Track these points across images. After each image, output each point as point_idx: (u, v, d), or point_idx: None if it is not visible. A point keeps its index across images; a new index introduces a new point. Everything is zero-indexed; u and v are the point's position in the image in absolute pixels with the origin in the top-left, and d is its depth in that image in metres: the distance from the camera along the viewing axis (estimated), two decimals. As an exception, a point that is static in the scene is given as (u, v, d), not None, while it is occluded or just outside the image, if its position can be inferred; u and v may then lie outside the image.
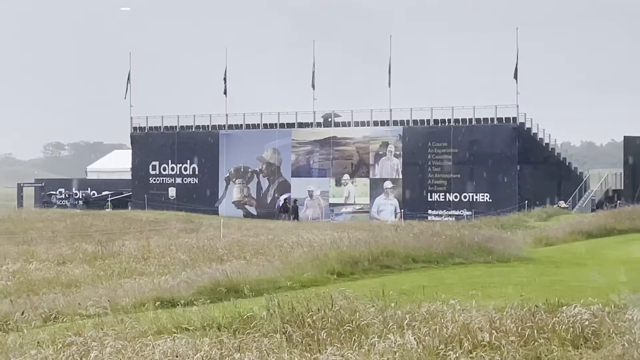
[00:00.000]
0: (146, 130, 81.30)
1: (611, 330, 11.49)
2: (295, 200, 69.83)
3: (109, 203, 79.83)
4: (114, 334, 12.29)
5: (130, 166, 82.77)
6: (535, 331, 11.47)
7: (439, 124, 69.68)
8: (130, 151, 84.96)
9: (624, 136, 71.15)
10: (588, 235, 36.05)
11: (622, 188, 68.87)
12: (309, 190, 73.53)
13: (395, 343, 10.93)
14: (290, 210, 69.28)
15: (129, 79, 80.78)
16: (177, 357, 10.70)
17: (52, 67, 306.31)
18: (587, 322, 11.72)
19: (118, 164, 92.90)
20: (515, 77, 67.50)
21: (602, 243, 32.85)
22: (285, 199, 71.29)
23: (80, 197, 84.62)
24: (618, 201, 62.55)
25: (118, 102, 79.89)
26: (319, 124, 74.62)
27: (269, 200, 75.68)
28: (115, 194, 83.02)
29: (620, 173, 70.70)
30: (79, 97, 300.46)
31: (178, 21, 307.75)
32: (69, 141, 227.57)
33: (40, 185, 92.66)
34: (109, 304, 16.48)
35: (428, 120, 70.37)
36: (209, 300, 16.65)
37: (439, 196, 68.77)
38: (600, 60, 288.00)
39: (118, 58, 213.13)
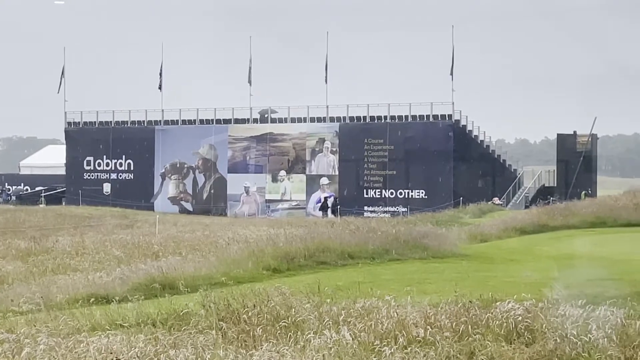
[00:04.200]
0: (81, 125, 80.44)
1: (544, 325, 11.61)
2: (335, 198, 69.32)
3: (43, 198, 78.91)
4: (48, 331, 12.16)
5: (65, 161, 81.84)
6: (470, 326, 11.57)
7: (375, 121, 69.98)
8: (64, 146, 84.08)
9: (557, 134, 72.17)
10: (521, 231, 36.39)
11: (555, 185, 69.83)
12: (245, 187, 73.38)
13: (330, 339, 10.96)
14: (329, 208, 68.60)
15: (63, 73, 79.91)
16: (111, 353, 10.62)
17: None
18: (520, 318, 11.84)
19: (52, 159, 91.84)
20: (451, 74, 68.02)
21: (535, 239, 33.18)
22: (325, 197, 70.67)
23: (13, 192, 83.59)
24: (551, 198, 63.29)
25: (52, 97, 79.20)
26: (255, 120, 74.52)
27: (204, 196, 75.39)
28: (49, 190, 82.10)
29: (554, 170, 71.58)
30: (12, 91, 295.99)
31: (113, 15, 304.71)
32: (1, 136, 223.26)
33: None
34: (43, 300, 16.31)
35: (364, 117, 70.62)
36: (143, 297, 16.54)
37: (375, 192, 69.07)
38: (534, 58, 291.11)
39: (52, 52, 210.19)
